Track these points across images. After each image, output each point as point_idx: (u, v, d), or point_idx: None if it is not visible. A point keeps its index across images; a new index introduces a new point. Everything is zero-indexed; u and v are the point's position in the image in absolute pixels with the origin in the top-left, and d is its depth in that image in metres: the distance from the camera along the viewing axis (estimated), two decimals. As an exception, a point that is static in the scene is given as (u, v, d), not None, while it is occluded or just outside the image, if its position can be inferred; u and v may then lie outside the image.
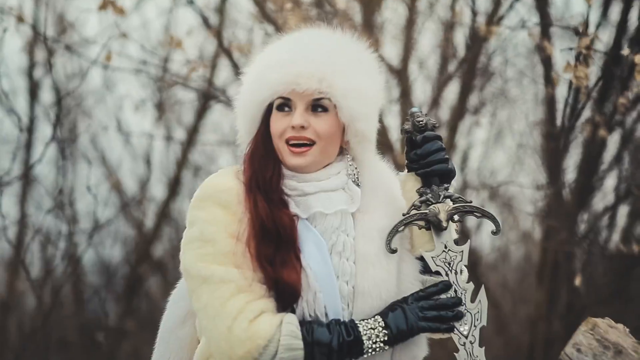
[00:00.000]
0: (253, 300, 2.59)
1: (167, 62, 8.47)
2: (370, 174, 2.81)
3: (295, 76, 2.68)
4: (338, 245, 2.69)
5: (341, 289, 2.66)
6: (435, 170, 2.74)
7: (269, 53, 2.81)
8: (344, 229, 2.70)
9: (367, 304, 2.66)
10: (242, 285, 2.59)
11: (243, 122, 2.79)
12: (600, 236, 7.65)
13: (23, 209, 9.00)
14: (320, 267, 2.65)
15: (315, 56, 2.72)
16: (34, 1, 8.89)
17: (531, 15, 7.04)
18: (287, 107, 2.71)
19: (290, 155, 2.70)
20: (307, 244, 2.67)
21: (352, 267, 2.68)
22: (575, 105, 7.05)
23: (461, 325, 2.70)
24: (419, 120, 2.77)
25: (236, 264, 2.62)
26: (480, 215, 2.75)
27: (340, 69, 2.71)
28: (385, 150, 7.16)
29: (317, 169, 2.74)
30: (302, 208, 2.70)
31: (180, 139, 9.69)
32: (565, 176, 7.45)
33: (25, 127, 8.56)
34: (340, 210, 2.71)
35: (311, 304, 2.63)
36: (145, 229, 9.74)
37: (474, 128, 8.51)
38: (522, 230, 9.57)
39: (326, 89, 2.68)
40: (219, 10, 8.52)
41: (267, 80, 2.71)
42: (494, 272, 9.95)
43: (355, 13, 7.27)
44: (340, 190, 2.73)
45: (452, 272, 2.73)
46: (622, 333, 2.74)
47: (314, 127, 2.69)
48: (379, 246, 2.69)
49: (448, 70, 7.81)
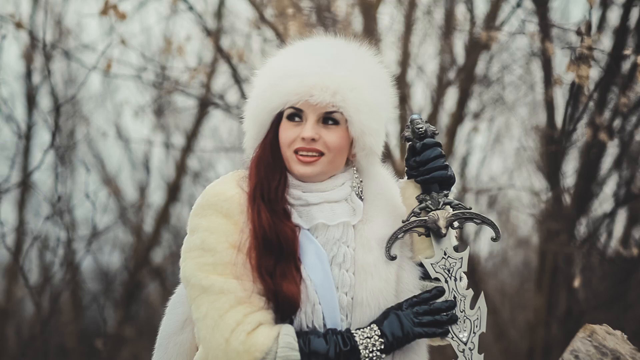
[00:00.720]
0: (251, 312, 2.59)
1: (165, 69, 8.48)
2: (372, 184, 2.81)
3: (309, 87, 2.67)
4: (338, 256, 2.69)
5: (340, 300, 2.66)
6: (434, 177, 2.75)
7: (282, 60, 2.79)
8: (345, 241, 2.71)
9: (365, 314, 2.66)
10: (241, 296, 2.59)
11: (251, 126, 2.78)
12: (599, 241, 7.65)
13: (21, 215, 9.01)
14: (321, 278, 2.65)
15: (330, 69, 2.71)
16: (32, 7, 8.90)
17: (531, 19, 7.05)
18: (297, 118, 2.71)
19: (299, 164, 2.70)
20: (309, 255, 2.67)
21: (351, 278, 2.68)
22: (574, 108, 7.05)
23: (460, 332, 2.70)
24: (419, 127, 2.77)
25: (236, 274, 2.61)
26: (480, 222, 2.75)
27: (354, 83, 2.71)
28: (384, 157, 7.17)
29: (323, 179, 2.74)
30: (305, 219, 2.71)
31: (179, 145, 9.70)
32: (564, 180, 7.45)
33: (23, 134, 8.56)
34: (342, 222, 2.71)
35: (309, 315, 2.64)
36: (144, 235, 9.74)
37: (472, 134, 8.52)
38: (521, 235, 9.58)
39: (340, 103, 2.68)
40: (217, 16, 8.53)
41: (280, 89, 2.71)
42: (493, 277, 9.94)
43: (355, 20, 7.28)
44: (343, 202, 2.74)
45: (451, 279, 2.73)
46: (620, 340, 2.74)
47: (324, 139, 2.69)
48: (377, 256, 2.69)
49: (447, 77, 7.82)
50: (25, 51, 8.64)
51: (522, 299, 9.69)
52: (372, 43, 6.95)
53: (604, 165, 7.28)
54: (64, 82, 9.25)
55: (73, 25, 9.06)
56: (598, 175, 7.30)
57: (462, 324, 2.71)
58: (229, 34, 8.47)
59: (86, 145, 9.62)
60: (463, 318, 2.71)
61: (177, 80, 7.85)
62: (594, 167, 7.20)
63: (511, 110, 8.59)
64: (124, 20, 6.84)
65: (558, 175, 7.33)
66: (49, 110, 8.15)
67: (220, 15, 8.57)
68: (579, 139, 6.93)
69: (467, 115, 8.01)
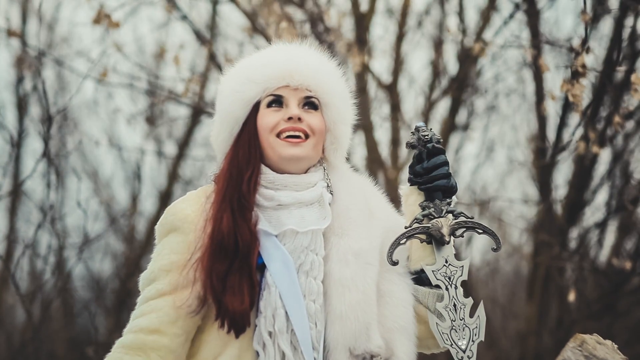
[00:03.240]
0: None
1: (159, 77, 8.48)
2: (343, 193, 2.80)
3: (289, 72, 2.73)
4: (306, 264, 2.68)
5: (308, 308, 2.65)
6: (439, 184, 2.76)
7: (252, 60, 2.82)
8: (313, 249, 2.70)
9: (346, 327, 2.65)
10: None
11: (224, 127, 2.78)
12: (591, 251, 7.68)
13: (13, 223, 8.99)
14: (287, 286, 2.64)
15: (305, 58, 2.78)
16: (23, 15, 8.90)
17: (522, 31, 7.08)
18: (277, 104, 2.73)
19: (287, 146, 2.71)
20: (275, 262, 2.66)
21: (319, 286, 2.67)
22: (563, 120, 7.08)
23: (459, 340, 2.70)
24: (425, 134, 2.79)
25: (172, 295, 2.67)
26: (481, 231, 2.77)
27: (327, 73, 2.79)
28: (377, 166, 7.18)
29: (304, 168, 2.75)
30: (274, 224, 2.70)
31: (171, 153, 9.71)
32: (556, 191, 7.47)
33: (14, 142, 8.55)
34: (311, 230, 2.71)
35: (270, 319, 2.62)
36: (136, 242, 9.73)
37: (464, 143, 8.54)
38: (512, 244, 9.59)
39: (317, 87, 2.74)
40: (210, 26, 8.54)
41: (258, 77, 2.74)
42: (484, 286, 9.95)
43: (347, 30, 7.30)
44: (314, 205, 2.74)
45: (452, 287, 2.74)
46: (611, 349, 2.74)
47: (308, 122, 2.73)
48: (354, 270, 2.69)
49: (439, 86, 7.85)
50: (16, 59, 8.64)
51: (514, 307, 9.70)
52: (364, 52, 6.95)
53: (596, 175, 7.31)
54: (55, 90, 9.25)
55: (65, 33, 9.07)
56: (590, 185, 7.33)
57: (461, 331, 2.71)
58: (222, 43, 8.48)
59: (78, 154, 9.62)
60: (462, 326, 2.72)
61: (170, 90, 7.85)
62: (585, 177, 7.23)
63: (503, 119, 8.62)
64: (117, 28, 6.85)
65: (550, 186, 7.35)
66: (41, 118, 8.15)
67: (213, 24, 8.58)
68: (571, 151, 6.95)
69: (459, 124, 8.04)
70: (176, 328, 2.65)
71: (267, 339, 2.62)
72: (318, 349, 2.64)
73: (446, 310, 2.72)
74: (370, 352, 2.64)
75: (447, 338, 2.70)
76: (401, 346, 2.70)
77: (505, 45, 7.12)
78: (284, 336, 2.62)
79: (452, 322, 2.72)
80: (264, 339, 2.62)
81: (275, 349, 2.62)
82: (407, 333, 2.72)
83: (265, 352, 2.61)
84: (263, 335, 2.62)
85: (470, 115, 8.21)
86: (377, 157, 7.23)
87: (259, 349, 2.62)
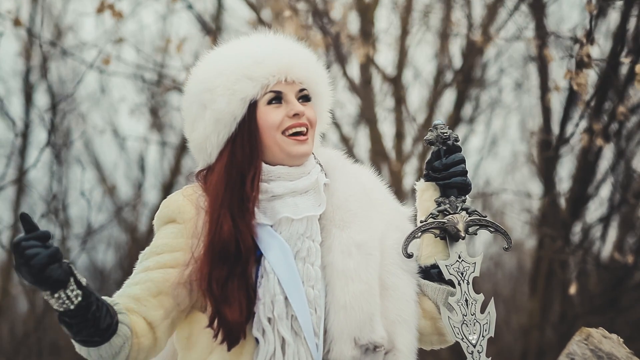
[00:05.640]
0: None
1: (163, 67, 8.48)
2: (340, 183, 2.80)
3: (286, 67, 2.71)
4: (302, 251, 2.68)
5: (307, 293, 2.65)
6: (456, 181, 2.78)
7: (235, 56, 2.76)
8: (309, 235, 2.70)
9: (350, 317, 2.65)
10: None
11: (217, 129, 2.72)
12: (594, 246, 7.68)
13: (17, 213, 9.00)
14: (286, 273, 2.64)
15: (296, 52, 2.77)
16: (30, 5, 8.90)
17: (528, 24, 7.06)
18: (277, 100, 2.72)
19: (296, 144, 2.70)
20: (273, 250, 2.66)
21: (317, 272, 2.67)
22: (567, 113, 7.07)
23: (470, 334, 2.73)
24: (444, 131, 2.81)
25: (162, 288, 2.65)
26: (494, 230, 2.81)
27: (314, 62, 2.80)
28: (381, 159, 7.18)
29: (305, 160, 2.76)
30: (269, 214, 2.69)
31: (174, 144, 9.70)
32: (560, 185, 7.47)
33: (19, 132, 8.55)
34: (306, 216, 2.71)
35: (268, 305, 2.61)
36: (139, 233, 9.74)
37: (469, 136, 8.54)
38: (515, 238, 9.60)
39: (307, 79, 2.74)
40: (215, 17, 8.54)
41: (255, 75, 2.71)
42: (487, 280, 9.96)
43: (352, 22, 7.30)
44: (309, 193, 2.74)
45: (464, 282, 2.77)
46: (616, 343, 2.74)
47: (306, 115, 2.73)
48: (358, 261, 2.69)
49: (443, 79, 7.84)
50: (23, 49, 8.64)
51: (517, 302, 9.71)
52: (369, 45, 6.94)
53: (600, 170, 7.31)
54: (61, 80, 9.24)
55: (71, 23, 9.06)
56: (593, 180, 7.32)
57: (472, 326, 2.73)
58: (227, 34, 8.47)
59: (82, 144, 9.62)
60: (474, 321, 2.74)
61: (174, 79, 7.85)
62: (589, 172, 7.22)
63: (507, 113, 8.62)
64: (121, 19, 6.85)
65: (553, 180, 7.35)
66: (46, 108, 8.15)
67: (218, 15, 8.58)
68: (575, 144, 6.95)
69: (464, 117, 8.04)
70: (156, 300, 2.64)
71: (266, 325, 2.61)
72: (319, 334, 2.63)
73: (458, 305, 2.73)
74: (374, 342, 2.64)
75: (458, 332, 2.71)
76: (402, 339, 2.70)
77: (510, 38, 7.11)
78: (283, 322, 2.61)
79: (464, 316, 2.74)
80: (264, 325, 2.61)
81: (275, 334, 2.61)
82: (409, 326, 2.72)
83: (265, 338, 2.60)
84: (262, 321, 2.61)
85: (475, 109, 8.21)
86: (382, 150, 7.24)
87: (259, 335, 2.60)
